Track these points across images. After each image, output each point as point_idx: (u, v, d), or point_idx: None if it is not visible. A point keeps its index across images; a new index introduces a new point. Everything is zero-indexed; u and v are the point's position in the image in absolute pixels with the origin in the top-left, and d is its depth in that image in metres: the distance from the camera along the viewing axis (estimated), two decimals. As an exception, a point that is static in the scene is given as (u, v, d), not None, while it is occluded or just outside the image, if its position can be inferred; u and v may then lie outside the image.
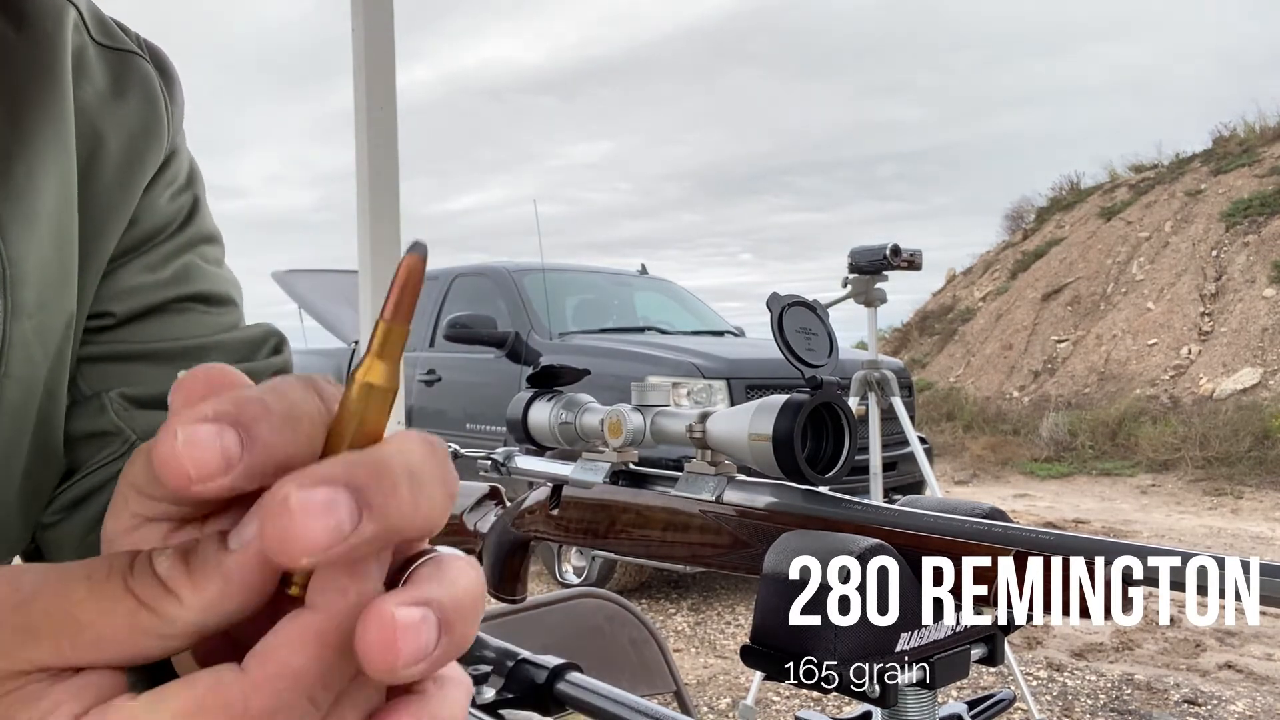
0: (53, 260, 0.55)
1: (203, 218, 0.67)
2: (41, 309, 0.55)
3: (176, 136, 0.65)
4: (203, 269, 0.64)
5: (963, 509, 0.62)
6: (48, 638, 0.23)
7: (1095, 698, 3.43)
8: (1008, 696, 0.83)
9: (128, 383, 0.59)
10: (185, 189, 0.65)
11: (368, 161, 2.51)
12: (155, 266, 0.62)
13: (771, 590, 0.59)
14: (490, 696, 0.80)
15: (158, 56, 0.65)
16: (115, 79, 0.61)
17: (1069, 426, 9.44)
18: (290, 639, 0.23)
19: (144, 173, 0.61)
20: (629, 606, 1.43)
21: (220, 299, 0.65)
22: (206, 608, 0.24)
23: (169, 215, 0.63)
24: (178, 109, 0.65)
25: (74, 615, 0.23)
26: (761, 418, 0.66)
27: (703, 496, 0.71)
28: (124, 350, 0.60)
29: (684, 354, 4.97)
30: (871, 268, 3.11)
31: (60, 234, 0.56)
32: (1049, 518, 6.81)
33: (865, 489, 3.23)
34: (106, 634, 0.23)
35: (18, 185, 0.53)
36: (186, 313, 0.62)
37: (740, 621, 4.35)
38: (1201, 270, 11.01)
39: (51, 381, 0.56)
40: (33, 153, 0.54)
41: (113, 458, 0.59)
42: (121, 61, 0.62)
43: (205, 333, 0.63)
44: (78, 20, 0.60)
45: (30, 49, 0.56)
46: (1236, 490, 7.53)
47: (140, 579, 0.24)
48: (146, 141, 0.61)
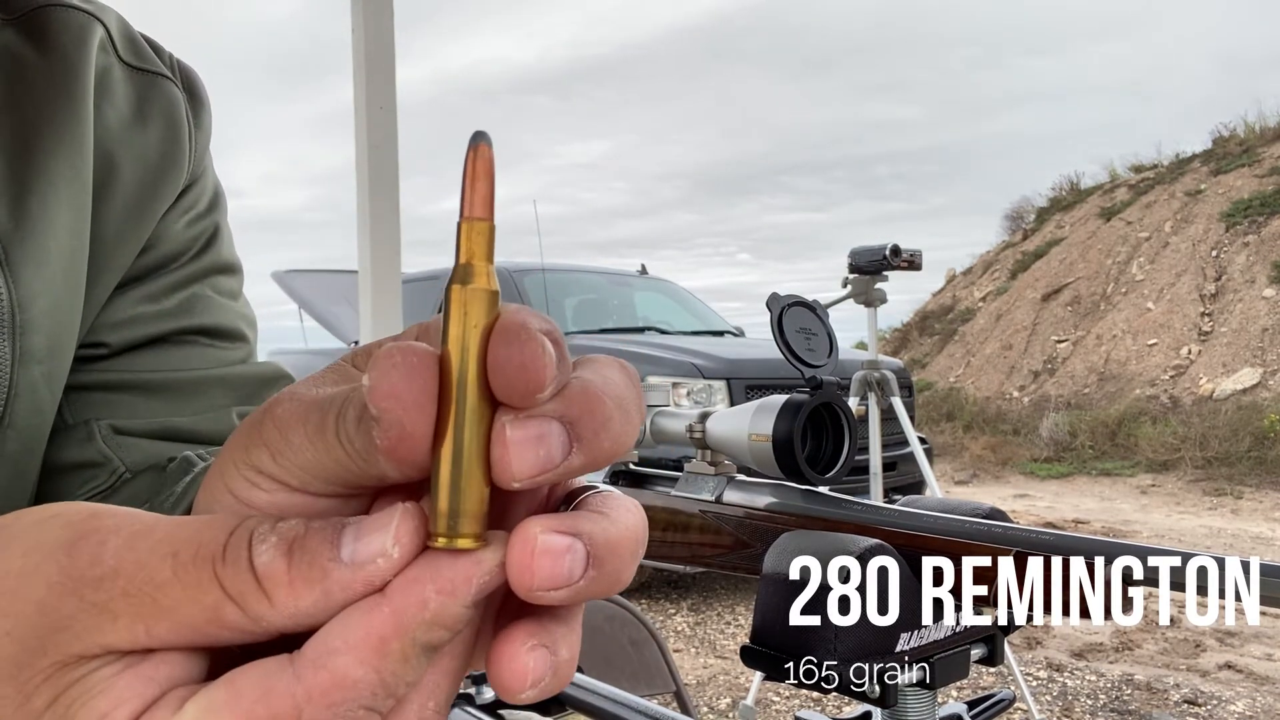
0: (64, 302, 0.52)
1: (221, 246, 0.63)
2: (51, 355, 0.52)
3: (200, 164, 0.62)
4: (211, 301, 0.61)
5: (963, 509, 0.62)
6: (124, 619, 0.22)
7: (1095, 698, 3.43)
8: (1008, 696, 0.83)
9: (117, 413, 0.56)
10: (205, 215, 0.62)
11: (368, 161, 2.51)
12: (157, 296, 0.59)
13: (771, 590, 0.59)
14: (490, 696, 0.80)
15: (189, 79, 0.62)
16: (139, 103, 0.59)
17: (1069, 426, 9.44)
18: (352, 644, 0.22)
19: (159, 204, 0.58)
20: (629, 606, 1.43)
21: (228, 333, 0.61)
22: (298, 615, 0.22)
23: (183, 243, 0.61)
24: (203, 135, 0.62)
25: (155, 598, 0.22)
26: (761, 418, 0.66)
27: (703, 496, 0.71)
28: (115, 380, 0.57)
29: (684, 354, 4.97)
30: (871, 268, 3.11)
31: (71, 273, 0.53)
32: (1049, 518, 6.81)
33: (865, 489, 3.23)
34: (185, 621, 0.22)
35: (30, 223, 0.51)
36: (187, 345, 0.59)
37: (740, 621, 4.35)
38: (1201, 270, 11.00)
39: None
40: (47, 184, 0.52)
41: (99, 490, 0.55)
42: (148, 84, 0.59)
43: (205, 366, 0.59)
44: (105, 39, 0.57)
45: (50, 73, 0.54)
46: (1236, 490, 7.53)
47: (232, 569, 0.22)
48: (164, 172, 0.59)
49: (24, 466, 0.52)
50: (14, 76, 0.53)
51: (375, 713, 0.22)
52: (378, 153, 2.52)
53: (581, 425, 0.23)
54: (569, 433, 0.23)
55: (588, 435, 0.23)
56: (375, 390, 0.22)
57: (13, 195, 0.51)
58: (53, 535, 0.23)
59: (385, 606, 0.22)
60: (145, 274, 0.59)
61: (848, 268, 3.17)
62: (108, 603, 0.22)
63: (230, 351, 0.61)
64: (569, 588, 0.23)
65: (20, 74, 0.53)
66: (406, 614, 0.22)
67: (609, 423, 0.24)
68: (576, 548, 0.23)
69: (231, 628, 0.22)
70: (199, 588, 0.22)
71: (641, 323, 6.20)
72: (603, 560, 0.24)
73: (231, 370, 0.61)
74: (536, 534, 0.23)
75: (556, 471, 0.23)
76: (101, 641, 0.22)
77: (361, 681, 0.22)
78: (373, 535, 0.23)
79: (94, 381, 0.57)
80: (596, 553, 0.24)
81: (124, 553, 0.22)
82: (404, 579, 0.23)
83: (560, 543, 0.23)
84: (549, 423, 0.23)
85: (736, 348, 5.41)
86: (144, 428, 0.57)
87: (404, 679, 0.23)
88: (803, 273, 75.28)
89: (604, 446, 0.24)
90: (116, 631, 0.22)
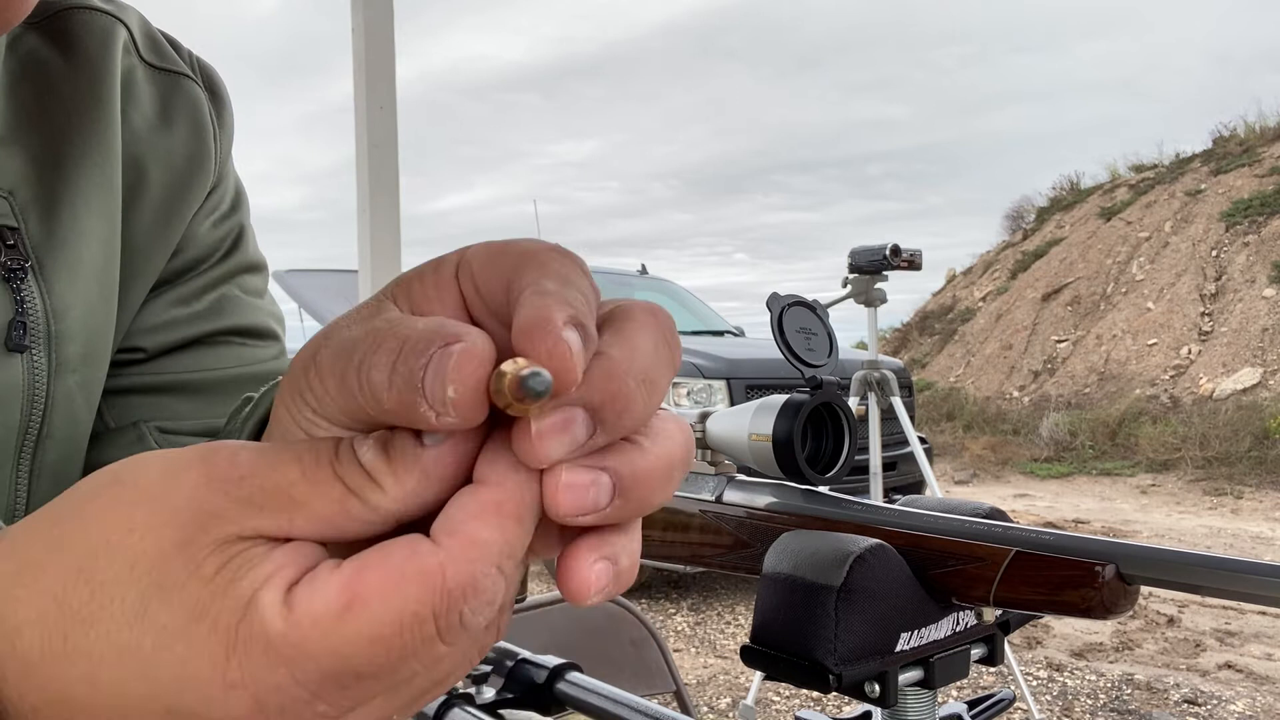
0: (98, 310, 0.53)
1: (247, 245, 0.64)
2: (86, 363, 0.52)
3: (224, 163, 0.62)
4: (241, 301, 0.61)
5: (963, 509, 0.62)
6: (269, 510, 0.25)
7: (1095, 698, 3.43)
8: (1008, 696, 0.83)
9: (159, 415, 0.57)
10: (230, 215, 0.62)
11: (368, 161, 2.51)
12: (189, 299, 0.59)
13: (771, 590, 0.59)
14: (490, 696, 0.80)
15: (209, 78, 0.62)
16: (164, 104, 0.58)
17: (1069, 426, 9.44)
18: (474, 512, 0.25)
19: (187, 208, 0.58)
20: (629, 606, 1.43)
21: (260, 331, 0.62)
22: (407, 497, 0.25)
23: (211, 245, 0.61)
24: (226, 134, 0.62)
25: (290, 494, 0.25)
26: (761, 418, 0.66)
27: (703, 496, 0.71)
28: (154, 382, 0.58)
29: (684, 354, 4.96)
30: (871, 268, 3.12)
31: (104, 281, 0.53)
32: (1049, 518, 6.81)
33: (865, 489, 3.23)
34: (319, 512, 0.25)
35: (62, 231, 0.51)
36: (221, 345, 0.60)
37: (740, 621, 4.35)
38: (1201, 270, 11.00)
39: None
40: (77, 193, 0.52)
41: None
42: (171, 84, 0.59)
43: (241, 364, 0.60)
44: (128, 41, 0.57)
45: (77, 80, 0.53)
46: (1236, 490, 7.53)
47: (347, 466, 0.25)
48: (191, 175, 0.58)
49: (64, 476, 0.53)
50: (42, 86, 0.53)
51: (502, 575, 0.25)
52: (378, 152, 2.52)
53: (605, 410, 0.25)
54: (592, 419, 0.25)
55: (610, 419, 0.25)
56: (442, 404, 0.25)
57: (44, 206, 0.51)
58: (184, 455, 0.26)
59: (490, 483, 0.25)
60: (175, 277, 0.59)
61: (848, 267, 3.17)
62: (250, 496, 0.25)
63: (263, 349, 0.62)
64: (597, 513, 0.26)
65: (48, 82, 0.53)
66: (505, 484, 0.25)
67: (631, 405, 0.26)
68: (601, 480, 0.26)
69: (356, 518, 0.25)
70: (325, 484, 0.25)
71: (641, 322, 6.19)
72: (629, 490, 0.26)
73: (266, 367, 0.61)
74: (561, 469, 0.25)
75: (582, 451, 0.25)
76: (253, 525, 0.25)
77: (490, 541, 0.25)
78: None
79: (134, 385, 0.57)
80: (622, 484, 0.26)
81: (256, 459, 0.26)
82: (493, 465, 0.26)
83: (584, 477, 0.25)
84: (573, 410, 0.25)
85: (736, 348, 5.41)
86: (189, 428, 0.58)
87: (521, 541, 0.25)
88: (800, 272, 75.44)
89: (627, 427, 0.26)
90: (263, 519, 0.25)
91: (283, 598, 0.24)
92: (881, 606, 0.57)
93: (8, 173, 0.50)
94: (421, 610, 0.24)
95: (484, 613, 0.25)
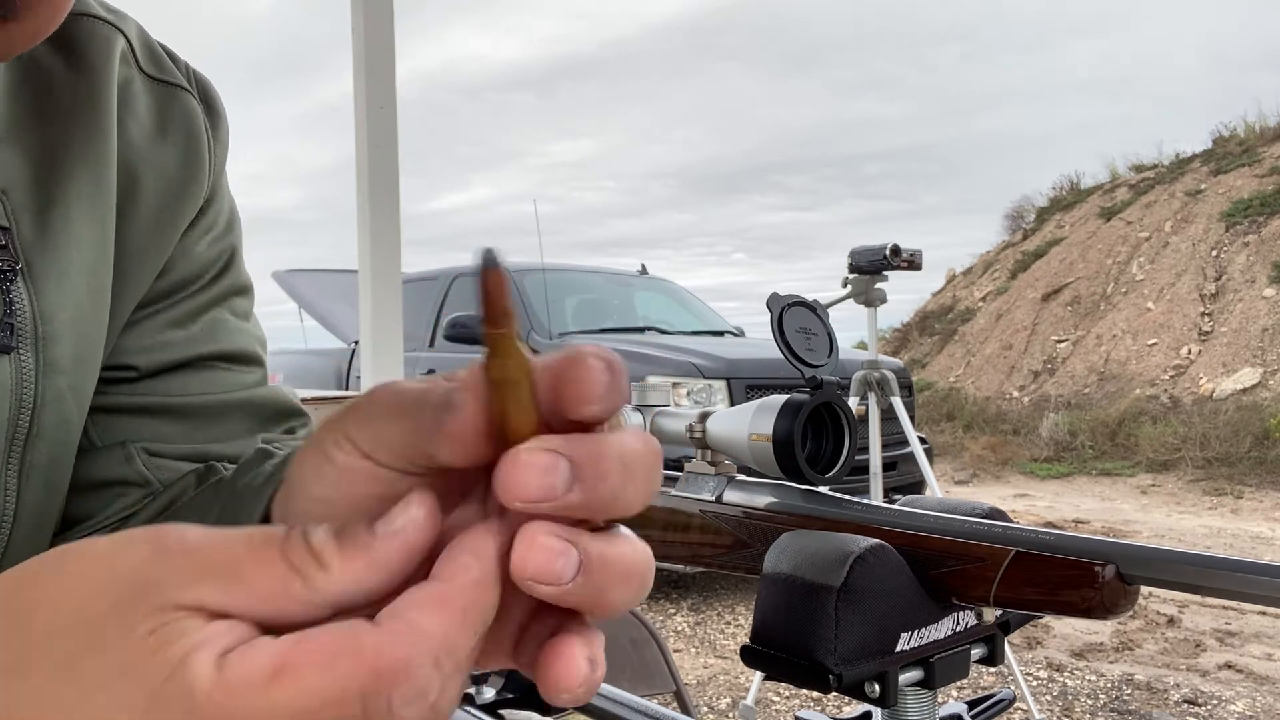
0: (88, 314, 0.53)
1: (238, 268, 0.64)
2: (76, 367, 0.52)
3: (218, 179, 0.62)
4: (230, 325, 0.62)
5: (963, 509, 0.62)
6: (209, 581, 0.26)
7: (1095, 698, 3.43)
8: (1008, 696, 0.83)
9: (146, 436, 0.58)
10: (224, 236, 0.63)
11: (368, 161, 2.51)
12: (184, 321, 0.60)
13: (771, 590, 0.59)
14: (490, 696, 0.80)
15: (205, 90, 0.62)
16: (160, 115, 0.58)
17: (1069, 426, 9.44)
18: (418, 601, 0.26)
19: (181, 219, 0.59)
20: (629, 606, 1.43)
21: (245, 357, 0.62)
22: (351, 581, 0.26)
23: (204, 264, 0.61)
24: (221, 148, 0.62)
25: (234, 569, 0.26)
26: (761, 418, 0.66)
27: (703, 496, 0.71)
28: (144, 403, 0.58)
29: (684, 354, 4.97)
30: (871, 268, 3.11)
31: (95, 286, 0.53)
32: (1049, 518, 6.81)
33: (865, 489, 3.23)
34: (260, 589, 0.26)
35: (54, 235, 0.51)
36: (207, 370, 0.60)
37: (740, 621, 4.35)
38: (1201, 270, 11.00)
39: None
40: (72, 197, 0.52)
41: (130, 510, 0.57)
42: (168, 96, 0.59)
43: (226, 390, 0.61)
44: (126, 51, 0.57)
45: (76, 86, 0.54)
46: (1236, 490, 7.52)
47: (294, 546, 0.26)
48: (185, 186, 0.59)
49: (54, 480, 0.53)
50: (41, 89, 0.53)
51: (438, 670, 0.25)
52: (378, 152, 2.52)
53: (584, 469, 0.27)
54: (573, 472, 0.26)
55: (588, 478, 0.27)
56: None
57: (37, 208, 0.51)
58: (134, 533, 0.27)
59: (442, 578, 0.26)
60: (168, 295, 0.59)
61: (848, 267, 3.17)
62: (194, 569, 0.26)
63: (247, 375, 0.63)
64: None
65: (48, 87, 0.53)
66: (455, 580, 0.26)
67: (608, 475, 0.27)
68: (558, 463, 0.26)
69: (296, 598, 0.26)
70: (270, 561, 0.26)
71: (641, 323, 6.19)
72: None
73: (251, 395, 0.62)
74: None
75: (557, 503, 0.26)
76: (193, 594, 0.25)
77: (430, 632, 0.25)
78: (395, 511, 0.27)
79: (124, 404, 0.58)
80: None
81: (205, 536, 0.27)
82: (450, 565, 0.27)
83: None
84: (557, 457, 0.26)
85: (736, 348, 5.41)
86: (175, 451, 0.58)
87: (464, 640, 0.26)
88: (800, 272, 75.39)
89: (601, 494, 0.27)
90: (204, 590, 0.26)
91: (215, 660, 0.24)
92: (881, 606, 0.57)
93: (5, 172, 0.50)
94: (350, 687, 0.24)
95: (415, 704, 0.25)
